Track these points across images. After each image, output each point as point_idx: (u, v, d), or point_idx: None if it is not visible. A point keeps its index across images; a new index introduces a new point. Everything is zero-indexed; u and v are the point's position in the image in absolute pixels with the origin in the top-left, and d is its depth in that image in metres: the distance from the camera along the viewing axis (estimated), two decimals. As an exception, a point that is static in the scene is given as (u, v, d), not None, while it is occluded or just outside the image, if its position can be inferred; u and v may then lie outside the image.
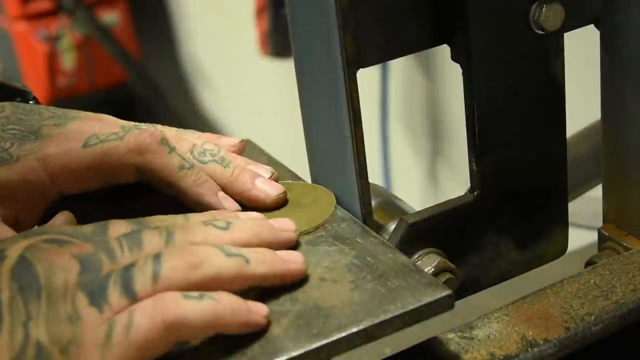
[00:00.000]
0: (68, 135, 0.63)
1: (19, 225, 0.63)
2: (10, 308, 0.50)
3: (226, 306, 0.52)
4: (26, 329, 0.50)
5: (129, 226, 0.56)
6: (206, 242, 0.55)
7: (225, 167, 0.65)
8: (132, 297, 0.51)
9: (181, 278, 0.53)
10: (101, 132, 0.63)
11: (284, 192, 0.66)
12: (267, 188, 0.66)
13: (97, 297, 0.51)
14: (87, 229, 0.56)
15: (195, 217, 0.59)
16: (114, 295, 0.51)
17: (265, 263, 0.56)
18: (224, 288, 0.53)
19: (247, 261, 0.55)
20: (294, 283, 0.56)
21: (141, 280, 0.52)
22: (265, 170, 0.67)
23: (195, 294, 0.52)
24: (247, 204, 0.65)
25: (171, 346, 0.52)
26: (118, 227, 0.56)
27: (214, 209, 0.64)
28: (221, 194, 0.65)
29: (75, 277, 0.51)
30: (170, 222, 0.57)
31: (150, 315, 0.51)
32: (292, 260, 0.57)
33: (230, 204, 0.65)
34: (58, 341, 0.50)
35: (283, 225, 0.60)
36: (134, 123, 0.66)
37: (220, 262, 0.54)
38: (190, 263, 0.53)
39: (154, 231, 0.55)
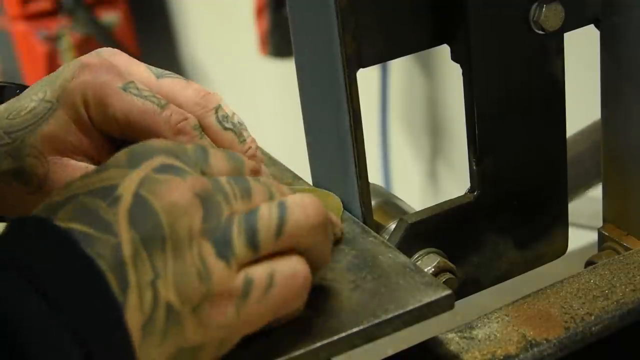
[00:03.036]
0: (102, 65, 0.61)
1: None
2: (135, 265, 0.46)
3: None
4: (154, 288, 0.46)
5: (227, 158, 0.53)
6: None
7: (241, 142, 0.64)
8: (256, 247, 0.49)
9: (302, 237, 0.51)
10: (136, 77, 0.62)
11: None
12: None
13: (223, 248, 0.48)
14: (189, 149, 0.52)
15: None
16: (240, 247, 0.49)
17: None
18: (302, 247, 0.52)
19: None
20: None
21: (266, 231, 0.49)
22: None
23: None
24: None
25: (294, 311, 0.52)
26: (217, 156, 0.53)
27: None
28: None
29: (199, 224, 0.48)
30: (264, 180, 0.54)
31: (291, 278, 0.50)
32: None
33: None
34: (189, 300, 0.47)
35: None
36: (162, 71, 0.64)
37: (329, 233, 0.53)
38: (313, 223, 0.51)
39: (259, 184, 0.52)
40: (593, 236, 0.77)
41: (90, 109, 0.61)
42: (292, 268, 0.50)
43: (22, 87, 0.66)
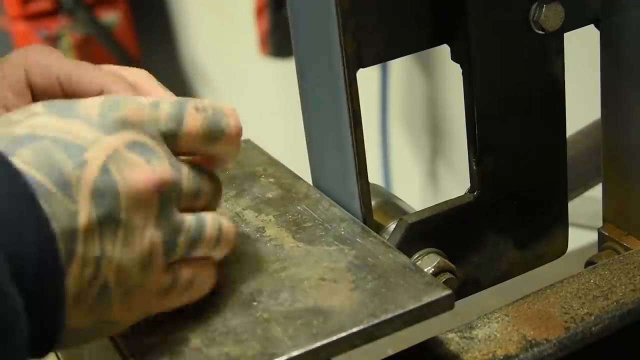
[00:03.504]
0: (45, 45, 0.63)
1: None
2: (85, 238, 0.47)
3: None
4: (97, 266, 0.48)
5: (202, 123, 0.54)
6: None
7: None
8: (189, 255, 0.53)
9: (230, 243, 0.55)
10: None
11: None
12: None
13: (169, 247, 0.51)
14: (163, 116, 0.52)
15: None
16: (182, 248, 0.52)
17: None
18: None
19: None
20: (294, 283, 0.57)
21: (205, 245, 0.53)
22: None
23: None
24: None
25: None
26: (194, 120, 0.53)
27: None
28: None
29: (154, 219, 0.50)
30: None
31: (209, 281, 0.55)
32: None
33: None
34: (125, 285, 0.49)
35: None
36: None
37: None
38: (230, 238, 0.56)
39: (209, 183, 0.55)
40: (593, 236, 0.77)
41: (32, 73, 0.60)
42: (208, 276, 0.55)
43: None
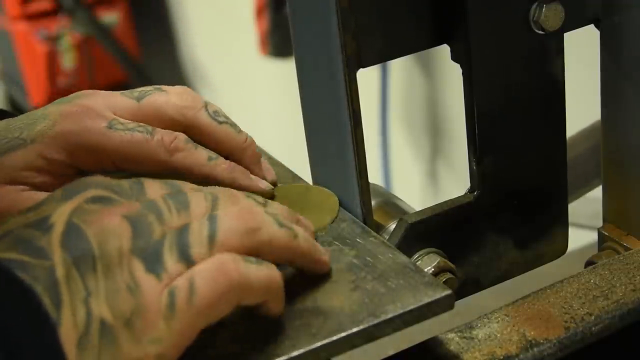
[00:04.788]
0: (82, 112, 0.63)
1: None
2: (68, 285, 0.48)
3: (278, 277, 0.52)
4: (87, 305, 0.48)
5: (164, 187, 0.54)
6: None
7: (238, 132, 0.66)
8: (189, 261, 0.50)
9: (237, 242, 0.51)
10: (118, 110, 0.63)
11: (275, 185, 0.68)
12: (270, 169, 0.68)
13: (153, 264, 0.49)
14: (125, 183, 0.54)
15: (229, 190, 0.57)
16: (170, 261, 0.49)
17: (309, 242, 0.56)
18: (270, 257, 0.53)
19: (296, 236, 0.54)
20: (294, 283, 0.56)
21: (197, 244, 0.50)
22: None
23: (252, 259, 0.51)
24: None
25: (232, 309, 0.51)
26: (154, 186, 0.54)
27: (249, 190, 0.64)
28: (253, 176, 0.66)
29: (129, 243, 0.49)
30: (211, 189, 0.55)
31: (212, 278, 0.49)
32: (324, 251, 0.58)
33: (263, 184, 0.66)
34: (121, 314, 0.48)
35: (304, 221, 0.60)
36: (139, 92, 0.65)
37: (273, 230, 0.53)
38: (247, 227, 0.52)
39: (199, 194, 0.53)
40: (593, 236, 0.77)
41: (78, 156, 0.62)
42: (212, 270, 0.50)
43: (2, 113, 0.67)
